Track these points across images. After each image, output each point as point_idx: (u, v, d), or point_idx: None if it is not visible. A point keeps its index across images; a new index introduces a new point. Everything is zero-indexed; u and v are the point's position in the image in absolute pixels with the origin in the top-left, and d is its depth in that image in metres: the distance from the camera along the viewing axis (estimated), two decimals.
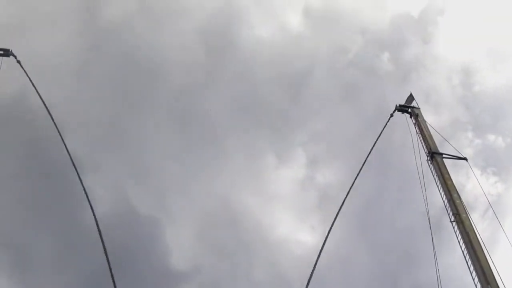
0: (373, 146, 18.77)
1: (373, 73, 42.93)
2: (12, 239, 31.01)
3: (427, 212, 17.38)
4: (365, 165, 18.84)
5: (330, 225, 16.37)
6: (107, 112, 35.27)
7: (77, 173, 15.94)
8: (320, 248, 13.76)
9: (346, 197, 17.22)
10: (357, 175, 18.37)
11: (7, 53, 19.08)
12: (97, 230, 14.57)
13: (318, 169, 43.07)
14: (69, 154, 16.07)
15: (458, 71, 44.99)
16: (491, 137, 42.83)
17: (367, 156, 18.93)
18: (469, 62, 45.47)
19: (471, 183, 19.64)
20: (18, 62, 19.19)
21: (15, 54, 19.18)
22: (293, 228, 42.48)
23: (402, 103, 20.99)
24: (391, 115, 20.70)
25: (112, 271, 13.86)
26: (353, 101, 41.43)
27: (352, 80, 41.65)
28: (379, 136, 19.14)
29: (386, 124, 20.16)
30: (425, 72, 43.07)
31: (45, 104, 17.86)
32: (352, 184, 17.82)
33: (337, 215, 15.32)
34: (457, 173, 18.05)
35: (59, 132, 17.21)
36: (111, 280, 13.24)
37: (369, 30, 45.16)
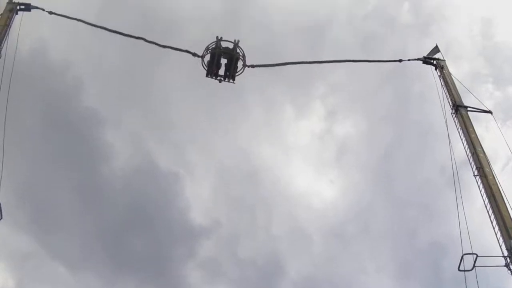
0: None
1: (392, 24, 41.67)
2: (31, 195, 31.72)
3: (453, 163, 17.09)
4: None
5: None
6: (126, 66, 35.08)
7: None
8: None
9: None
10: None
11: (28, 7, 18.72)
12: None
13: (337, 121, 42.82)
14: None
15: (478, 22, 43.49)
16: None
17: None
18: (490, 12, 43.80)
19: (490, 136, 19.11)
20: (50, 12, 18.92)
21: (41, 7, 18.88)
22: (312, 182, 42.69)
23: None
24: (399, 60, 20.40)
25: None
26: (372, 53, 40.46)
27: (372, 32, 40.56)
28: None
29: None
30: (445, 23, 41.68)
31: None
32: None
33: None
34: (476, 127, 17.61)
35: None
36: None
37: None
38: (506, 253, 13.55)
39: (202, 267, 36.88)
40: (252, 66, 19.32)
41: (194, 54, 18.87)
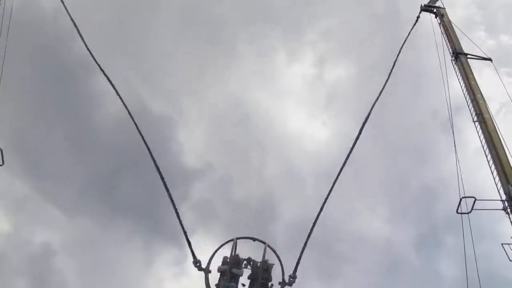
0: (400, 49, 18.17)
1: None
2: (25, 142, 31.53)
3: (449, 108, 17.35)
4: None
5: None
6: (120, 14, 34.24)
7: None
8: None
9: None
10: None
11: None
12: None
13: (329, 66, 42.62)
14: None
15: None
16: (505, 38, 41.53)
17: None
18: None
19: (482, 83, 19.31)
20: None
21: None
22: (305, 124, 42.84)
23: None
24: (418, 18, 20.03)
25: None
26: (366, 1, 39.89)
27: None
28: (406, 39, 18.50)
29: (414, 26, 19.54)
30: None
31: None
32: None
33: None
34: None
35: (77, 28, 16.59)
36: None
37: None
38: (504, 197, 13.85)
39: (195, 209, 37.33)
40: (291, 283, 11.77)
41: (197, 263, 11.92)
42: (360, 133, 14.15)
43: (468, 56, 17.78)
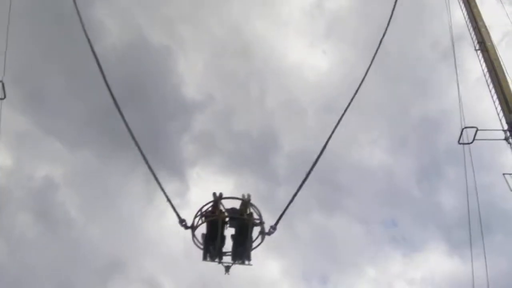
0: None
1: None
2: (25, 76, 30.96)
3: (452, 34, 16.90)
4: None
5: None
6: None
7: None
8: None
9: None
10: None
11: None
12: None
13: None
14: None
15: None
16: None
17: None
18: None
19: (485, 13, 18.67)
20: None
21: None
22: (305, 54, 41.99)
23: None
24: None
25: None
26: None
27: None
28: None
29: None
30: None
31: None
32: None
33: None
34: None
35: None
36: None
37: None
38: (506, 127, 13.73)
39: (196, 141, 37.23)
40: (270, 233, 11.85)
41: (182, 222, 11.79)
42: (366, 74, 13.89)
43: None
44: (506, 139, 13.74)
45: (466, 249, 14.45)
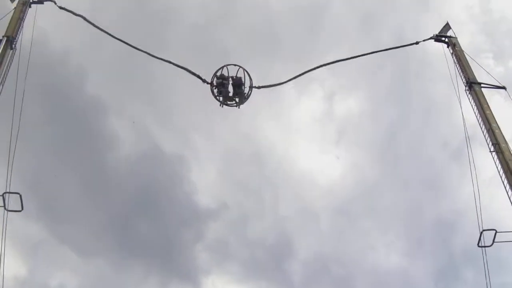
0: None
1: (391, 2, 41.29)
2: (39, 184, 31.71)
3: (467, 139, 17.16)
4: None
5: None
6: (127, 52, 34.71)
7: None
8: None
9: None
10: None
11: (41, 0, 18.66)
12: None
13: (338, 101, 42.71)
14: None
15: None
16: None
17: None
18: None
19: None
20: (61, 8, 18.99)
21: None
22: (317, 161, 42.72)
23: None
24: (416, 43, 20.13)
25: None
26: (371, 32, 40.27)
27: (371, 10, 40.23)
28: None
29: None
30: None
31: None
32: None
33: None
34: None
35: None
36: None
37: None
38: None
39: (210, 250, 37.22)
40: (258, 87, 19.41)
41: (204, 81, 18.73)
42: None
43: (482, 85, 17.64)
44: None
45: None
